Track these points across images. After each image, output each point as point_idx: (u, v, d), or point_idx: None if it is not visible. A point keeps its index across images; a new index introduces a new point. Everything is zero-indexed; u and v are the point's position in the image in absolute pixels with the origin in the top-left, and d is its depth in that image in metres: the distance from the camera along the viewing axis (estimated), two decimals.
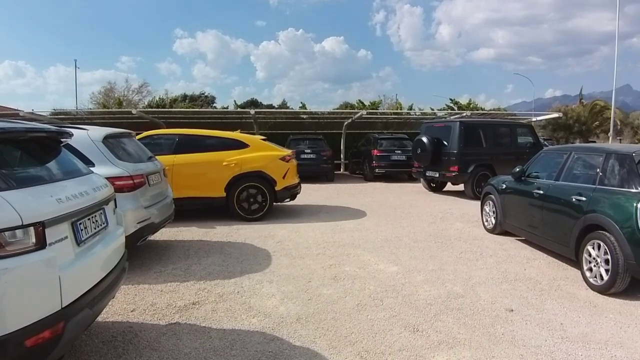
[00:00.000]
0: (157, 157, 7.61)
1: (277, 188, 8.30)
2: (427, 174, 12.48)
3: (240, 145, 8.42)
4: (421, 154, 12.20)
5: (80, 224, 2.70)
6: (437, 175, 12.06)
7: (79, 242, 2.63)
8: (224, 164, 8.09)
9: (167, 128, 18.99)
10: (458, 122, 11.92)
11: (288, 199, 8.74)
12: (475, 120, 15.45)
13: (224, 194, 8.09)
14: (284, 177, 8.38)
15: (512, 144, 12.11)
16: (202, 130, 9.15)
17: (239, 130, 9.57)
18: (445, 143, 11.73)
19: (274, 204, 8.46)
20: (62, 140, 3.25)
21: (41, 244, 2.25)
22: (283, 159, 8.54)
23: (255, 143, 8.61)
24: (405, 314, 3.95)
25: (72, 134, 3.33)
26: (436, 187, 13.05)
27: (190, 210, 8.02)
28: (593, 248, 4.74)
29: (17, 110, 17.34)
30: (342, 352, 3.27)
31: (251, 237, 6.78)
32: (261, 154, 8.44)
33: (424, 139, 12.04)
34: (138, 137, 8.02)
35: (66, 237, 2.50)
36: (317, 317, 3.85)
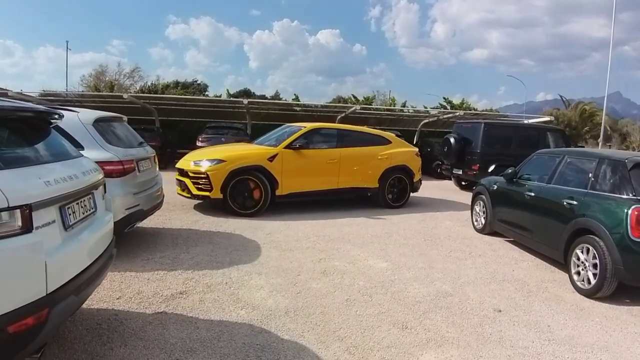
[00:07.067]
0: (323, 150, 8.40)
1: (414, 180, 9.32)
2: (453, 172, 12.96)
3: (385, 141, 9.22)
4: (447, 152, 12.77)
5: (68, 208, 2.62)
6: (461, 172, 12.54)
7: (66, 226, 2.55)
8: (379, 157, 8.87)
9: (158, 114, 18.81)
10: (482, 123, 12.43)
11: (417, 190, 9.63)
12: (501, 122, 15.82)
13: (377, 185, 8.87)
14: (418, 171, 9.44)
15: (541, 148, 12.16)
16: (352, 126, 10.05)
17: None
18: (472, 142, 12.20)
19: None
20: (52, 121, 3.15)
21: (27, 227, 2.17)
22: (417, 154, 9.57)
23: (394, 139, 9.44)
24: (394, 310, 3.95)
25: (63, 115, 3.23)
26: (467, 185, 13.14)
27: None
28: (582, 252, 4.75)
29: (6, 90, 17.06)
30: (330, 347, 3.25)
31: (240, 228, 6.71)
32: (404, 149, 9.40)
33: (451, 138, 12.60)
34: (304, 130, 8.37)
35: (54, 221, 2.42)
36: (306, 311, 3.83)
